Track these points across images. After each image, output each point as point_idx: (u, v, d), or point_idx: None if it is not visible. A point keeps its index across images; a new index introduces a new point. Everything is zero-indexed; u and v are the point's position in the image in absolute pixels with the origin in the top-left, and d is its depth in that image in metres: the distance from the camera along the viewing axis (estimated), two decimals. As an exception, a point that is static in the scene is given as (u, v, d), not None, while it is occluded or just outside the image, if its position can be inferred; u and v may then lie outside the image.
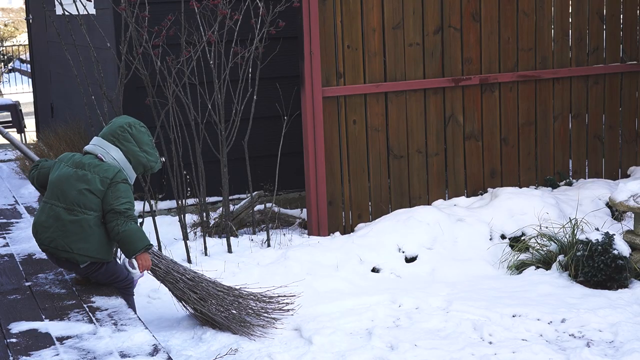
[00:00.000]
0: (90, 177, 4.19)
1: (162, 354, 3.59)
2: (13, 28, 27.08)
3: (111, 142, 4.31)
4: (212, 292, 4.74)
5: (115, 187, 4.19)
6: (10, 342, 3.70)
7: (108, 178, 4.18)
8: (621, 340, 4.50)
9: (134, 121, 4.39)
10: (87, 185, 4.18)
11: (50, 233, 4.23)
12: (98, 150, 4.30)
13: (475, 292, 5.30)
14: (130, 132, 4.32)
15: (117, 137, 4.31)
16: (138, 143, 4.33)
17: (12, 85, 19.36)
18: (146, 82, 5.97)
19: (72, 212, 4.18)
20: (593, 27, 7.14)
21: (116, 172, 4.22)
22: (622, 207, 5.60)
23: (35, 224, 4.32)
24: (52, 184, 4.30)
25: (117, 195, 4.18)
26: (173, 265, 4.75)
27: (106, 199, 4.18)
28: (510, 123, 6.93)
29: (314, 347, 4.50)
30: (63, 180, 4.24)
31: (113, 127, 4.36)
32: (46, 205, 4.28)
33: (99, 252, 4.24)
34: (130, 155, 4.31)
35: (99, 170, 4.21)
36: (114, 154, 4.28)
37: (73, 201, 4.18)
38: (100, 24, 6.56)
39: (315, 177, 6.33)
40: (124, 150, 4.30)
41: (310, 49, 6.17)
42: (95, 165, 4.24)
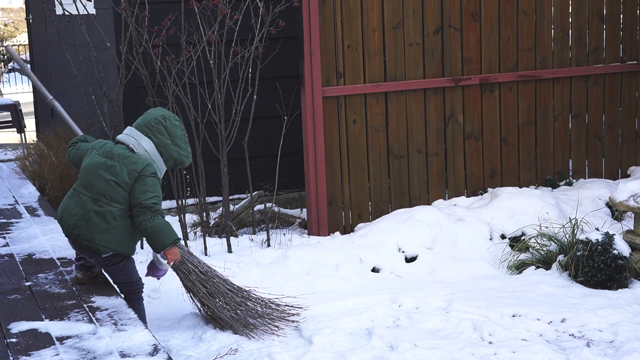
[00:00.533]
0: (119, 169, 4.15)
1: (162, 353, 3.59)
2: (13, 28, 27.07)
3: (144, 133, 4.26)
4: (222, 290, 4.73)
5: (143, 180, 4.14)
6: (10, 342, 3.70)
7: (136, 171, 4.14)
8: (621, 340, 4.50)
9: (168, 114, 4.34)
10: (115, 177, 4.14)
11: (75, 221, 4.20)
12: (130, 140, 4.25)
13: (475, 292, 5.30)
14: (164, 124, 4.28)
15: (151, 129, 4.27)
16: (171, 136, 4.29)
17: (12, 85, 19.36)
18: (146, 82, 5.97)
19: (98, 202, 4.15)
20: (593, 27, 7.14)
21: (145, 165, 4.17)
22: (622, 207, 5.60)
23: (62, 209, 4.28)
24: (82, 171, 4.28)
25: (145, 190, 4.14)
26: (188, 256, 4.73)
27: (133, 193, 4.14)
28: (510, 123, 6.93)
29: (314, 347, 4.50)
30: (92, 169, 4.21)
31: (147, 118, 4.31)
32: (74, 193, 4.25)
33: (120, 245, 4.21)
34: (162, 148, 4.27)
35: (128, 162, 4.17)
36: (145, 145, 4.24)
37: (99, 192, 4.15)
38: (100, 23, 6.56)
39: (315, 177, 6.33)
40: (156, 142, 4.26)
41: (310, 48, 6.17)
42: (125, 156, 4.19)
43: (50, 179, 7.11)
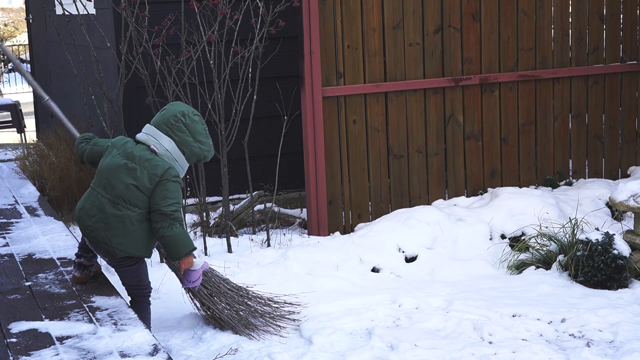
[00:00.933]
0: (139, 173, 4.05)
1: (162, 353, 3.59)
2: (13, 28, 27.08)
3: (164, 131, 4.14)
4: (222, 290, 4.72)
5: (163, 185, 4.05)
6: (10, 342, 3.70)
7: (157, 175, 4.05)
8: (621, 340, 4.50)
9: (187, 109, 4.21)
10: (135, 181, 4.05)
11: (93, 222, 4.13)
12: (151, 140, 4.14)
13: (475, 292, 5.30)
14: (184, 121, 4.15)
15: (171, 127, 4.14)
16: (192, 133, 4.16)
17: (12, 85, 19.36)
18: (146, 82, 5.97)
19: (117, 205, 4.07)
20: (593, 27, 7.14)
21: (166, 168, 4.07)
22: (622, 207, 5.60)
23: (80, 209, 4.20)
24: (101, 171, 4.17)
25: (165, 195, 4.04)
26: None
27: (153, 198, 4.05)
28: (510, 123, 6.93)
29: (314, 347, 4.50)
30: (112, 170, 4.11)
31: (166, 115, 4.18)
32: (93, 193, 4.17)
33: (137, 249, 4.15)
34: (184, 146, 4.15)
35: (148, 165, 4.06)
36: (166, 144, 4.12)
37: (119, 195, 4.07)
38: (100, 23, 6.56)
39: (315, 177, 6.33)
40: (177, 140, 4.14)
41: (310, 48, 6.17)
42: (146, 159, 4.08)
43: (50, 179, 7.11)
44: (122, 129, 5.94)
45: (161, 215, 4.04)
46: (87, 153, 4.37)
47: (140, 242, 4.14)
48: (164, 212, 4.04)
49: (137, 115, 6.63)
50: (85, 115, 6.99)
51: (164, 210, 4.04)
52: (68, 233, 5.69)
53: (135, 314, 4.11)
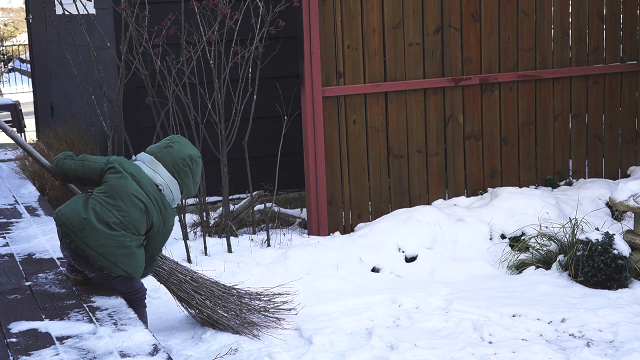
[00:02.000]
0: (151, 210, 4.17)
1: (162, 353, 3.59)
2: (13, 28, 27.08)
3: (170, 172, 4.26)
4: (216, 294, 4.73)
5: (167, 231, 4.27)
6: (10, 342, 3.70)
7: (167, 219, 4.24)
8: (621, 340, 4.50)
9: (195, 153, 4.34)
10: (147, 216, 4.16)
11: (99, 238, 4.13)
12: (158, 180, 4.23)
13: (475, 292, 5.30)
14: (191, 167, 4.31)
15: (178, 170, 4.27)
16: (194, 176, 4.34)
17: (12, 85, 19.36)
18: (146, 82, 5.97)
19: (127, 229, 4.13)
20: (593, 27, 7.14)
21: (173, 215, 4.28)
22: (622, 207, 5.60)
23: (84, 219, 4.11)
24: (116, 191, 4.14)
25: (164, 241, 4.31)
26: (176, 266, 4.74)
27: (157, 239, 4.25)
28: (510, 123, 6.93)
29: (314, 347, 4.50)
30: (130, 196, 4.13)
31: (175, 157, 4.27)
32: (102, 207, 4.12)
33: (137, 271, 4.24)
34: (185, 188, 4.33)
35: (161, 206, 4.21)
36: (172, 187, 4.27)
37: (131, 221, 4.12)
38: (100, 23, 6.56)
39: (315, 177, 6.33)
40: (180, 183, 4.29)
41: (310, 48, 6.17)
42: (158, 199, 4.20)
43: (50, 178, 7.11)
44: (122, 129, 5.94)
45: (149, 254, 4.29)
46: (76, 168, 4.29)
47: (137, 266, 4.21)
48: (154, 254, 4.33)
49: (137, 115, 6.63)
50: (85, 115, 6.99)
51: (155, 252, 4.33)
52: (68, 233, 5.68)
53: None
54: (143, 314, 4.39)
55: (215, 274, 5.45)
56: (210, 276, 4.97)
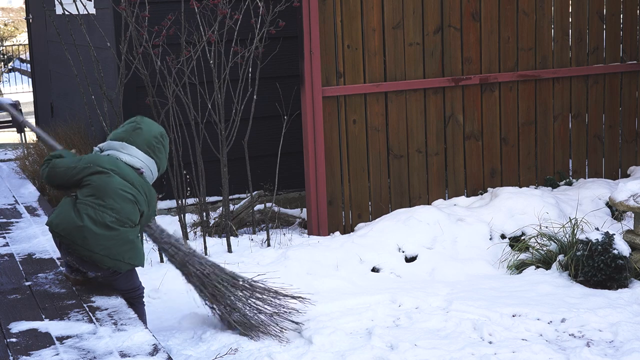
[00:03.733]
0: (139, 197, 4.22)
1: (162, 353, 3.59)
2: (13, 28, 27.08)
3: (146, 152, 4.28)
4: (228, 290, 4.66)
5: (154, 206, 4.35)
6: (10, 342, 3.70)
7: (152, 197, 4.31)
8: (621, 340, 4.50)
9: (162, 130, 4.40)
10: (138, 204, 4.21)
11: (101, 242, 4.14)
12: (137, 163, 4.25)
13: (475, 291, 5.30)
14: (163, 144, 4.35)
15: (153, 149, 4.31)
16: (166, 152, 4.40)
17: (12, 85, 19.35)
18: (146, 81, 5.97)
19: (124, 225, 4.17)
20: (593, 27, 7.14)
21: (155, 196, 4.35)
22: (622, 206, 5.60)
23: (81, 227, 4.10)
24: (105, 191, 4.15)
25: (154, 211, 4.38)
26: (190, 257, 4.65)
27: (147, 214, 4.31)
28: (510, 123, 6.93)
29: (314, 347, 4.50)
30: (118, 192, 4.15)
31: (147, 136, 4.29)
32: (96, 211, 4.12)
33: (140, 260, 4.29)
34: (160, 165, 4.38)
35: (146, 188, 4.26)
36: (151, 166, 4.31)
37: (127, 215, 4.17)
38: (100, 23, 6.56)
39: (315, 176, 6.33)
40: (157, 161, 4.33)
41: (310, 48, 6.17)
42: (142, 183, 4.25)
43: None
44: (122, 128, 5.93)
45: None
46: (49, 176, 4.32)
47: (140, 254, 4.26)
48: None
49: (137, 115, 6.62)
50: (85, 115, 6.99)
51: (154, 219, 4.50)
52: (68, 233, 5.68)
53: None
54: (142, 312, 4.42)
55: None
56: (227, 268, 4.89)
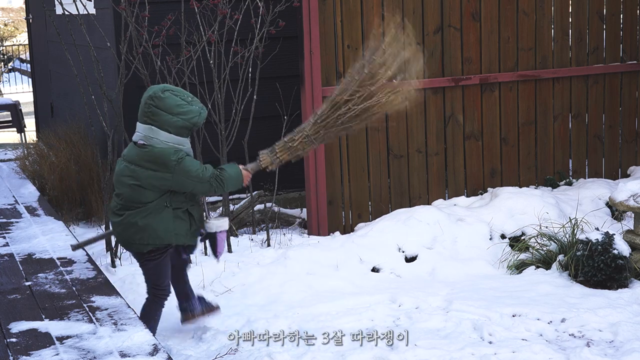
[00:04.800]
0: (141, 172, 4.12)
1: (162, 353, 3.59)
2: (13, 28, 27.07)
3: (145, 122, 4.15)
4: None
5: (178, 172, 4.09)
6: (10, 342, 3.70)
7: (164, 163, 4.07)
8: (621, 340, 4.50)
9: (155, 90, 4.14)
10: (138, 180, 4.13)
11: (115, 227, 4.29)
12: (135, 137, 4.19)
13: (475, 291, 5.30)
14: (154, 104, 4.12)
15: (147, 115, 4.14)
16: (167, 110, 4.10)
17: (12, 85, 19.35)
18: (146, 81, 5.96)
19: (130, 208, 4.18)
20: (593, 27, 7.14)
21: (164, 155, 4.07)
22: (622, 206, 5.60)
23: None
24: (113, 181, 4.32)
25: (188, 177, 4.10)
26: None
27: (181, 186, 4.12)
28: (510, 123, 6.93)
29: (314, 347, 4.50)
30: (117, 176, 4.23)
31: (141, 106, 4.20)
32: (113, 201, 4.30)
33: (155, 239, 4.20)
34: (167, 125, 4.10)
35: (148, 158, 4.10)
36: (152, 133, 4.12)
37: (127, 198, 4.18)
38: (100, 23, 6.56)
39: (315, 176, 6.33)
40: (157, 124, 4.11)
41: (310, 48, 6.17)
42: (142, 155, 4.12)
43: (50, 178, 7.12)
44: (122, 129, 5.94)
45: (206, 188, 4.17)
46: None
47: (158, 232, 4.19)
48: (205, 186, 4.16)
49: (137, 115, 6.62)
50: (85, 115, 6.99)
51: (202, 185, 4.14)
52: (68, 233, 5.70)
53: (146, 311, 4.15)
54: (157, 311, 4.40)
55: (215, 274, 5.46)
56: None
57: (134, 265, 5.50)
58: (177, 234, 4.24)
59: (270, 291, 5.27)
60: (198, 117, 4.15)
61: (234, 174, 4.27)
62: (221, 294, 5.32)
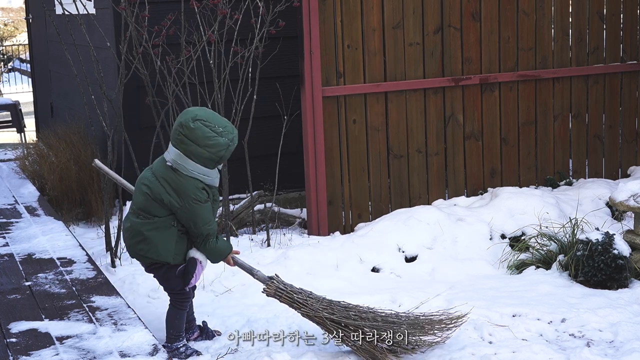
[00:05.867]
0: (155, 186, 4.11)
1: (162, 353, 3.59)
2: (13, 27, 27.08)
3: (175, 146, 4.10)
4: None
5: (187, 208, 4.09)
6: (10, 342, 3.70)
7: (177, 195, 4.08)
8: (621, 340, 4.50)
9: (186, 119, 4.04)
10: (150, 192, 4.13)
11: (124, 233, 4.29)
12: (167, 156, 4.14)
13: (475, 291, 5.30)
14: (184, 133, 4.04)
15: (177, 141, 4.08)
16: (195, 141, 4.02)
17: (12, 85, 19.35)
18: (146, 81, 5.97)
19: (139, 216, 4.17)
20: (593, 27, 7.14)
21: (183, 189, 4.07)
22: (622, 206, 5.60)
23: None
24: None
25: (190, 219, 4.10)
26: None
27: (183, 218, 4.13)
28: (510, 123, 6.93)
29: (314, 347, 4.50)
30: (137, 183, 4.24)
31: (173, 128, 4.14)
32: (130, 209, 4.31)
33: (157, 255, 4.17)
34: (194, 155, 4.05)
35: (169, 180, 4.10)
36: (179, 159, 4.08)
37: (140, 206, 4.17)
38: (100, 23, 6.56)
39: (315, 176, 6.33)
40: (186, 153, 4.06)
41: (310, 48, 6.17)
42: (165, 174, 4.12)
43: (50, 178, 7.12)
44: (122, 129, 5.94)
45: (194, 235, 4.17)
46: None
47: (158, 248, 4.16)
48: (195, 234, 4.16)
49: (137, 115, 6.63)
50: (85, 115, 6.99)
51: (194, 232, 4.15)
52: (68, 233, 5.70)
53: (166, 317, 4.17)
54: (174, 316, 4.31)
55: (215, 274, 5.45)
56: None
57: (134, 265, 5.50)
58: (176, 254, 4.20)
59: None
60: (225, 151, 4.07)
61: (222, 248, 4.26)
62: (221, 294, 5.32)
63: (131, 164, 6.03)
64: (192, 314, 4.56)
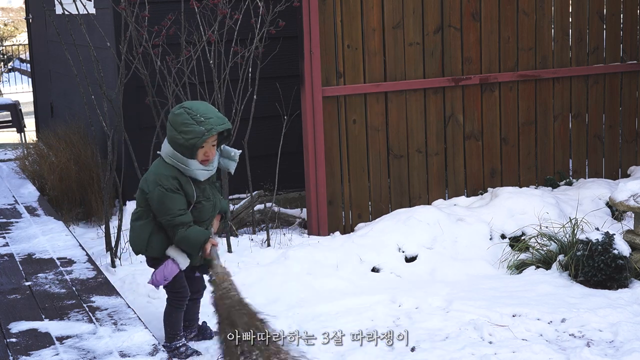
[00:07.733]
0: (145, 176, 4.20)
1: (162, 353, 3.59)
2: (13, 27, 27.09)
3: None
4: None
5: (151, 197, 4.09)
6: (10, 342, 3.70)
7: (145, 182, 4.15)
8: (621, 340, 4.50)
9: (175, 107, 4.11)
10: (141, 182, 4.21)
11: None
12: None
13: (475, 291, 5.30)
14: (169, 119, 4.08)
15: (166, 128, 4.14)
16: (174, 127, 4.03)
17: (11, 85, 19.35)
18: (146, 81, 5.97)
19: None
20: (593, 27, 7.14)
21: (149, 176, 4.12)
22: (622, 206, 5.60)
23: None
24: None
25: (155, 208, 4.10)
26: None
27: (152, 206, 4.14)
28: (510, 123, 6.93)
29: (314, 347, 4.50)
30: None
31: None
32: None
33: (133, 244, 4.21)
34: (170, 141, 4.07)
35: (149, 174, 4.16)
36: (164, 146, 4.14)
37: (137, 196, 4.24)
38: (100, 23, 6.56)
39: (315, 176, 6.33)
40: (168, 138, 4.10)
41: (310, 48, 6.17)
42: (152, 168, 4.18)
43: (50, 178, 7.12)
44: (121, 128, 5.94)
45: (165, 227, 4.13)
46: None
47: (134, 238, 4.21)
48: (164, 225, 4.11)
49: (137, 115, 6.63)
50: (85, 115, 6.99)
51: (161, 222, 4.11)
52: (68, 233, 5.70)
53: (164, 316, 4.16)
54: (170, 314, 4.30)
55: (215, 274, 5.45)
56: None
57: (134, 265, 5.50)
58: (151, 247, 4.17)
59: (270, 291, 5.27)
60: (197, 140, 3.99)
61: (191, 237, 4.08)
62: (221, 294, 5.32)
63: (131, 164, 6.03)
64: (195, 314, 4.55)
